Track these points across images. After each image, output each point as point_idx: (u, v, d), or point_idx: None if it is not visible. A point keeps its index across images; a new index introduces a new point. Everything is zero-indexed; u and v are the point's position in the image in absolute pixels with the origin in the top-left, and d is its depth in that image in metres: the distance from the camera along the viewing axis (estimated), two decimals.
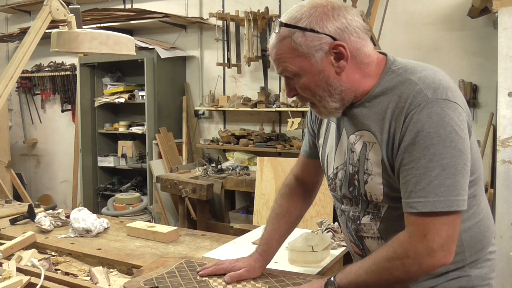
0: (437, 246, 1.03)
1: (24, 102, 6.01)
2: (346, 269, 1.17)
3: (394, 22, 3.79)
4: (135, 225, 1.99)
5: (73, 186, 5.29)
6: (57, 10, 2.02)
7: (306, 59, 1.13)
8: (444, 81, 1.10)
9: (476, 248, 1.21)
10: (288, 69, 1.15)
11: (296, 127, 3.91)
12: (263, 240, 1.45)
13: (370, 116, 1.16)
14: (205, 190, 3.72)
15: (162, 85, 4.68)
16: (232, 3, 4.55)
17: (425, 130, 1.04)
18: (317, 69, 1.13)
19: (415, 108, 1.06)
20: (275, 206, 1.50)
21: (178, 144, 4.76)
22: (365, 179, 1.19)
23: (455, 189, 1.03)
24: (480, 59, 3.55)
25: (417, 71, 1.13)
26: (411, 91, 1.09)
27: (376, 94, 1.16)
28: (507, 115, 2.71)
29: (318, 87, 1.15)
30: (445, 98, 1.06)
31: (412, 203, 1.06)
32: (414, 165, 1.06)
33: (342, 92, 1.16)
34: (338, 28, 1.11)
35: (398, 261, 1.07)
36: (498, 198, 2.73)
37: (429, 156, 1.04)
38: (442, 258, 1.04)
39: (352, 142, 1.21)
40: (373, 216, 1.22)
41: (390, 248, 1.09)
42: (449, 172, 1.03)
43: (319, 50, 1.11)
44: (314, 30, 1.11)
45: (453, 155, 1.03)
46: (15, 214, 2.26)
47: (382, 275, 1.09)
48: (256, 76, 4.50)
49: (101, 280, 1.52)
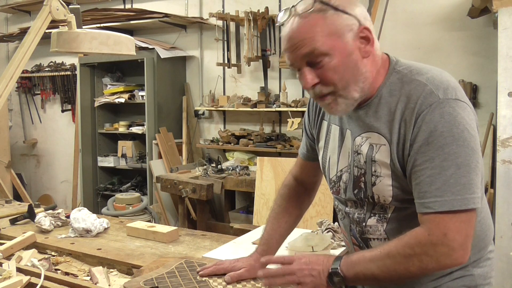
0: (457, 245, 1.03)
1: (24, 102, 6.01)
2: (352, 259, 1.14)
3: (394, 22, 3.79)
4: (135, 225, 1.99)
5: (73, 186, 5.29)
6: (57, 10, 2.02)
7: (338, 38, 1.09)
8: (452, 81, 1.11)
9: (479, 246, 1.22)
10: (319, 49, 1.08)
11: (296, 127, 3.91)
12: (263, 240, 1.45)
13: (378, 117, 1.15)
14: (205, 190, 3.72)
15: (162, 85, 4.69)
16: (232, 3, 4.55)
17: (438, 130, 1.04)
18: (348, 50, 1.10)
19: (427, 109, 1.06)
20: (275, 206, 1.50)
21: (178, 144, 4.76)
22: (373, 181, 1.18)
23: (471, 187, 1.04)
24: (480, 59, 3.55)
25: (423, 72, 1.13)
26: (420, 92, 1.09)
27: (383, 95, 1.15)
28: (507, 115, 2.71)
29: (347, 70, 1.11)
30: (455, 98, 1.07)
31: (427, 203, 1.05)
32: (428, 165, 1.05)
33: (365, 80, 1.13)
34: (362, 14, 1.12)
35: (416, 258, 1.06)
36: (498, 198, 2.73)
37: (444, 156, 1.04)
38: (460, 257, 1.04)
39: (359, 144, 1.20)
40: (379, 217, 1.21)
41: (407, 245, 1.07)
42: (464, 170, 1.03)
43: (350, 30, 1.10)
44: (345, 11, 1.10)
45: (466, 153, 1.04)
46: (15, 214, 2.26)
47: (397, 271, 1.08)
48: (256, 76, 4.50)
49: (101, 280, 1.52)
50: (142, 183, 5.02)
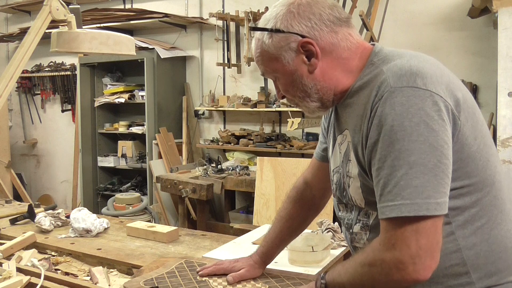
0: (407, 257, 0.90)
1: (24, 102, 6.01)
2: (337, 266, 1.11)
3: (394, 22, 3.79)
4: (135, 225, 1.99)
5: (73, 186, 5.29)
6: (57, 10, 2.02)
7: (277, 60, 1.10)
8: (418, 67, 0.97)
9: (487, 271, 1.01)
10: (266, 71, 1.15)
11: (296, 127, 3.90)
12: (264, 242, 1.44)
13: (350, 114, 1.09)
14: (205, 190, 3.72)
15: (162, 85, 4.68)
16: (232, 3, 4.55)
17: (388, 124, 0.93)
18: (290, 70, 1.09)
19: (380, 100, 0.96)
20: (282, 208, 1.46)
21: (178, 144, 4.76)
22: (347, 182, 1.12)
23: (425, 190, 0.89)
24: (480, 59, 3.55)
25: (390, 59, 1.03)
26: (378, 81, 0.99)
27: (355, 90, 1.08)
28: (507, 115, 2.70)
29: (294, 87, 1.11)
30: (412, 85, 0.93)
31: (381, 208, 0.94)
32: (381, 165, 0.94)
33: (319, 91, 1.10)
34: (305, 25, 1.05)
35: (367, 268, 0.98)
36: None
37: (395, 153, 0.91)
38: (412, 272, 0.90)
39: (339, 143, 1.16)
40: (363, 224, 1.12)
41: (364, 253, 1.01)
42: (416, 170, 0.90)
43: (287, 50, 1.07)
44: (280, 30, 1.07)
45: (422, 151, 0.90)
46: (15, 214, 2.26)
47: (355, 279, 1.01)
48: (256, 76, 4.50)
49: (101, 280, 1.52)
50: (142, 183, 5.02)
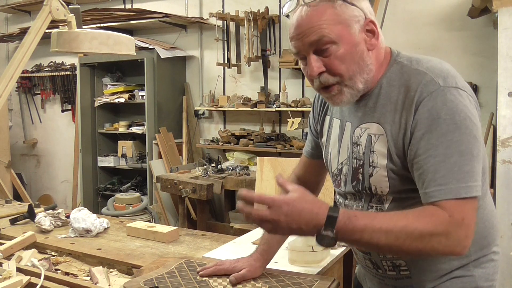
0: (470, 233, 1.00)
1: (24, 102, 6.01)
2: (356, 225, 1.00)
3: (394, 22, 3.79)
4: (135, 225, 1.99)
5: (73, 186, 5.29)
6: (57, 10, 2.02)
7: (346, 27, 1.10)
8: (452, 70, 1.11)
9: (481, 244, 1.19)
10: (327, 36, 1.09)
11: (296, 127, 3.91)
12: (264, 239, 1.45)
13: (377, 107, 1.16)
14: (205, 190, 3.72)
15: (162, 85, 4.69)
16: (232, 3, 4.55)
17: (441, 117, 1.04)
18: (355, 41, 1.11)
19: (428, 96, 1.06)
20: None
21: (178, 144, 4.76)
22: (370, 172, 1.17)
23: (473, 175, 1.02)
24: (480, 59, 3.55)
25: (423, 62, 1.14)
26: (420, 80, 1.09)
27: (383, 85, 1.15)
28: (507, 115, 2.71)
29: (353, 60, 1.11)
30: (455, 86, 1.07)
31: (432, 192, 1.03)
32: (432, 153, 1.04)
33: (370, 72, 1.14)
34: (368, 7, 1.14)
35: (435, 238, 0.99)
36: (498, 198, 2.73)
37: (447, 143, 1.02)
38: (468, 245, 1.01)
39: (358, 135, 1.20)
40: (376, 210, 1.19)
41: (430, 222, 0.99)
42: (466, 158, 1.02)
43: (357, 22, 1.11)
44: (353, 3, 1.11)
45: (469, 141, 1.03)
46: (15, 214, 2.26)
47: (408, 247, 0.99)
48: (256, 76, 4.50)
49: (101, 280, 1.52)
50: (142, 183, 5.02)
